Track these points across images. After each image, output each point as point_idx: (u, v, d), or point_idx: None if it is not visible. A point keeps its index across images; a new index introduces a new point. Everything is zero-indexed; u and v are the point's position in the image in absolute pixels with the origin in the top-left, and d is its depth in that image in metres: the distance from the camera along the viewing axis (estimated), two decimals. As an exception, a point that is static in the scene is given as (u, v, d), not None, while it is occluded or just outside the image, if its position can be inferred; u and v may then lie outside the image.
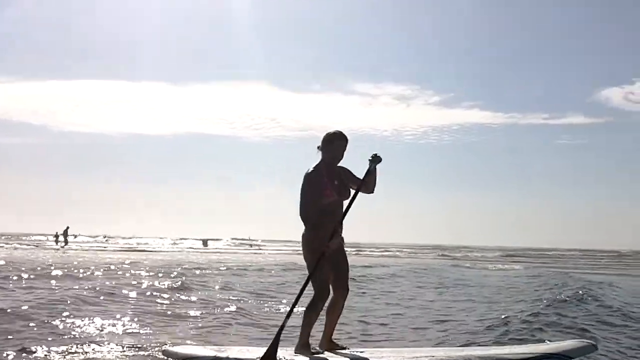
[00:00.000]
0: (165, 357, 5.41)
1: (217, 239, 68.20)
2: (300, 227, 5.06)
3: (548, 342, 5.40)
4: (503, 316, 8.42)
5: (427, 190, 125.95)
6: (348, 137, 5.08)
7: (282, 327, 4.95)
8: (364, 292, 12.29)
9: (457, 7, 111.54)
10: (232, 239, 73.45)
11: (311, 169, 5.03)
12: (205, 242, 59.59)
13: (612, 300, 10.56)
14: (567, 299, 10.34)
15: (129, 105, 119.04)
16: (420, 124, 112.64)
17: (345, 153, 5.10)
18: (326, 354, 4.97)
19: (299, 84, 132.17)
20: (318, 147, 5.12)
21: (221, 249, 50.94)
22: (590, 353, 4.61)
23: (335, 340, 5.19)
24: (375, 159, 5.00)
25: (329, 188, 4.96)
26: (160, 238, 66.70)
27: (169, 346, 5.75)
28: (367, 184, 5.03)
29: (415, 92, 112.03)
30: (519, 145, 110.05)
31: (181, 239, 67.92)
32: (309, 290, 5.03)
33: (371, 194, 5.10)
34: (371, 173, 5.01)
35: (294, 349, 5.04)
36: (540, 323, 7.70)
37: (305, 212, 4.96)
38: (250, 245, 60.69)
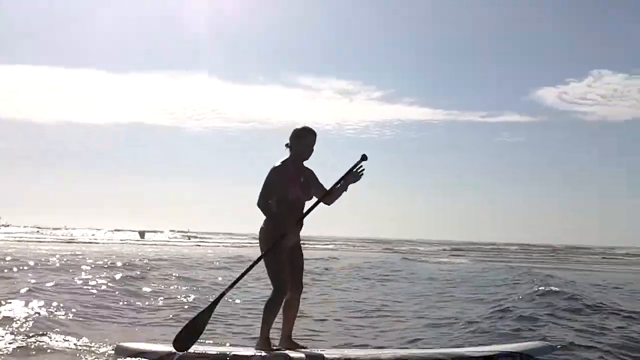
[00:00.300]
0: (117, 354, 5.21)
1: (155, 231, 66.71)
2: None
3: (508, 343, 5.46)
4: (467, 310, 8.20)
5: (368, 185, 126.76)
6: (317, 132, 5.01)
7: (221, 295, 4.95)
8: (317, 288, 11.89)
9: (399, 5, 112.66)
10: (171, 231, 72.04)
11: (278, 163, 4.92)
12: (142, 234, 58.02)
13: (571, 291, 10.47)
14: (529, 292, 10.19)
15: (65, 93, 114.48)
16: (362, 118, 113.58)
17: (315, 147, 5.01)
18: (286, 352, 4.88)
19: (242, 75, 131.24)
20: (286, 145, 5.00)
21: (159, 241, 49.57)
22: (549, 353, 4.88)
23: (294, 339, 5.09)
24: (356, 177, 4.91)
25: (295, 183, 4.89)
26: (97, 229, 64.71)
27: (121, 342, 5.46)
28: (332, 197, 4.96)
29: (357, 87, 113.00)
30: (458, 141, 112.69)
31: (117, 230, 66.09)
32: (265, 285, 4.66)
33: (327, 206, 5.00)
34: (342, 189, 4.94)
35: (254, 346, 4.99)
36: (509, 318, 7.52)
37: (265, 204, 4.85)
38: (189, 238, 59.53)
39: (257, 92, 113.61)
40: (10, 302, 7.48)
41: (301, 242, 5.07)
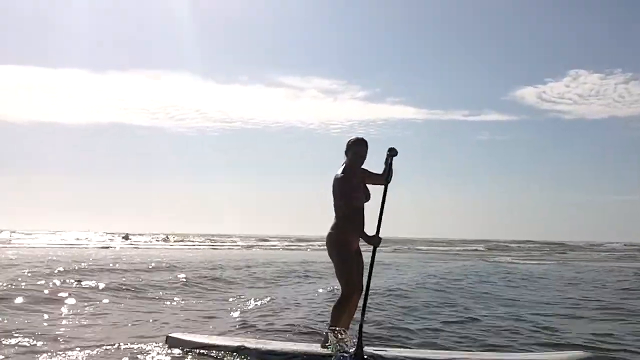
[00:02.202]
0: (170, 345, 5.49)
1: (142, 234, 63.64)
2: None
3: (554, 352, 5.50)
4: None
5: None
6: (367, 141, 5.30)
7: (361, 325, 5.04)
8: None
9: (382, 5, 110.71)
10: (153, 234, 68.75)
11: (340, 172, 5.17)
12: (126, 237, 55.15)
13: None
14: None
15: (42, 93, 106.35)
16: (347, 117, 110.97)
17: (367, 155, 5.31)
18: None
19: (224, 74, 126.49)
20: (345, 152, 5.29)
21: (142, 243, 46.24)
22: None
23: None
24: (392, 152, 5.32)
25: (359, 191, 5.17)
26: (87, 231, 61.56)
27: (172, 333, 5.73)
28: (382, 176, 5.34)
29: (342, 87, 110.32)
30: (441, 139, 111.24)
31: (106, 232, 62.98)
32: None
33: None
34: (389, 166, 5.33)
35: (320, 345, 5.23)
36: None
37: (339, 212, 5.13)
38: (166, 239, 56.62)
39: (240, 91, 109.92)
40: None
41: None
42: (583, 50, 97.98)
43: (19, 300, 8.35)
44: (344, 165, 5.18)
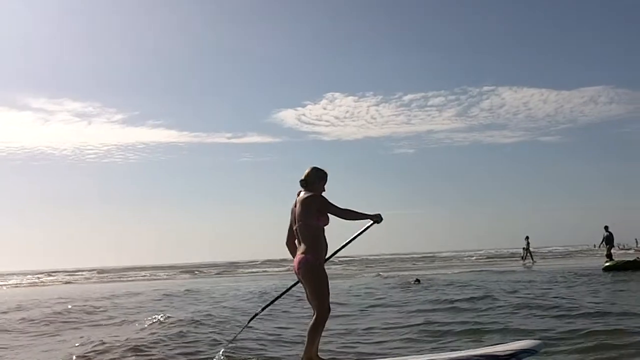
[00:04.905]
0: None
1: None
2: None
3: (506, 343, 5.66)
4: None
5: (93, 211, 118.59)
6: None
7: (254, 316, 6.08)
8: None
9: (138, 23, 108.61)
10: None
11: (311, 194, 5.31)
12: None
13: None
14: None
15: None
16: (103, 142, 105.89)
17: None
18: None
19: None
20: (305, 181, 5.41)
21: None
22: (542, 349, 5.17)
23: (320, 355, 5.38)
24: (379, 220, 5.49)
25: (325, 214, 5.31)
26: None
27: None
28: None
29: (97, 110, 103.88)
30: (204, 163, 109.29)
31: None
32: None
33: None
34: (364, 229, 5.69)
35: None
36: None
37: (311, 233, 5.24)
38: None
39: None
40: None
41: None
42: (336, 74, 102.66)
43: None
44: (312, 193, 5.30)
